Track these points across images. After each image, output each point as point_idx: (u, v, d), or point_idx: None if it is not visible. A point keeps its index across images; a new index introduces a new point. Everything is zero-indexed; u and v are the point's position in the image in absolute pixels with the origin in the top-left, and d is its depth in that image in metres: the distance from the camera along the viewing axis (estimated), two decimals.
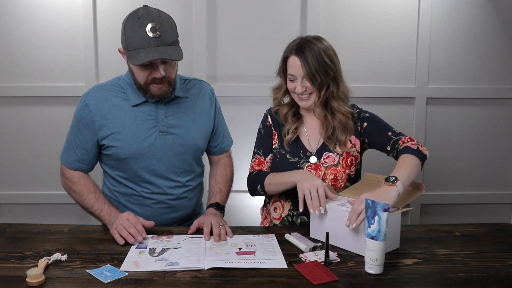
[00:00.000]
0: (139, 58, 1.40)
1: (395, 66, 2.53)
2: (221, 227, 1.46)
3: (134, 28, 1.41)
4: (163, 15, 1.45)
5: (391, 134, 1.59)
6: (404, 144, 1.52)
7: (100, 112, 1.54)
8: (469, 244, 1.39)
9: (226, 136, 1.78)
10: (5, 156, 2.53)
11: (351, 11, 2.48)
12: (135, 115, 1.55)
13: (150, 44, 1.40)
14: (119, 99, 1.56)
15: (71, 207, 2.58)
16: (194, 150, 1.63)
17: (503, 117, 2.62)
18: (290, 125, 1.64)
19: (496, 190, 2.69)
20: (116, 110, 1.55)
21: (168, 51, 1.42)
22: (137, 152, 1.55)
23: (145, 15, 1.42)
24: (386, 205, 1.16)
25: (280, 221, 1.66)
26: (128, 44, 1.43)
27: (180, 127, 1.59)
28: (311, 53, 1.51)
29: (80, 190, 1.57)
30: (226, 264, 1.22)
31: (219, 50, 2.49)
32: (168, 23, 1.45)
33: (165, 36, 1.42)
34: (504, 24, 2.53)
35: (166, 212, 1.63)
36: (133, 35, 1.41)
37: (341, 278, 1.15)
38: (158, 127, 1.56)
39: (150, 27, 1.40)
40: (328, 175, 1.60)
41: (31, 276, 1.11)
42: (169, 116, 1.58)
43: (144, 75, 1.47)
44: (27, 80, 2.46)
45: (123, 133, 1.54)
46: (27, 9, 2.40)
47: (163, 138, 1.57)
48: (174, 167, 1.61)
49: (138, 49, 1.41)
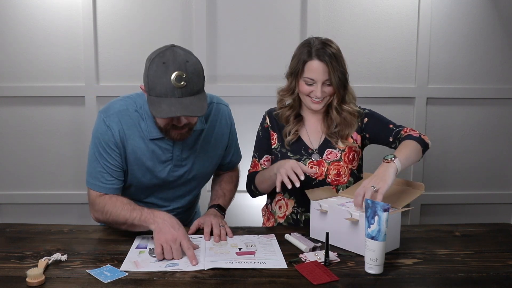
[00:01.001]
0: (161, 111, 1.30)
1: (395, 66, 2.53)
2: (221, 227, 1.46)
3: (158, 73, 1.31)
4: (191, 60, 1.34)
5: (392, 126, 1.63)
6: (406, 133, 1.56)
7: (121, 139, 1.47)
8: (469, 244, 1.39)
9: (236, 153, 1.73)
10: (5, 156, 2.53)
11: (351, 11, 2.48)
12: (152, 149, 1.49)
13: (173, 94, 1.30)
14: (139, 127, 1.48)
15: (71, 207, 2.58)
16: (203, 178, 1.65)
17: (503, 117, 2.62)
18: (291, 127, 1.64)
19: (496, 190, 2.69)
20: (136, 140, 1.48)
21: (191, 106, 1.31)
22: (149, 182, 1.54)
23: (171, 60, 1.31)
24: (386, 205, 1.16)
25: (285, 219, 1.66)
26: (150, 89, 1.33)
27: (192, 158, 1.55)
28: (334, 59, 1.54)
29: (113, 206, 1.43)
30: (226, 265, 1.22)
31: (219, 50, 2.49)
32: (195, 69, 1.34)
33: (191, 85, 1.32)
34: (504, 24, 2.53)
35: None
36: (157, 81, 1.31)
37: (341, 278, 1.15)
38: (173, 161, 1.53)
39: (175, 75, 1.29)
40: (331, 171, 1.61)
41: (31, 276, 1.11)
42: (184, 150, 1.53)
43: (165, 122, 1.40)
44: (27, 80, 2.46)
45: (139, 165, 1.50)
46: (27, 9, 2.40)
47: (175, 170, 1.54)
48: (180, 191, 1.61)
49: (161, 97, 1.31)
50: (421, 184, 1.43)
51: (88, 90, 2.45)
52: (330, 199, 1.46)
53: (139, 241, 1.41)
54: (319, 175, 1.62)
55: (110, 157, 1.47)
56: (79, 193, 2.53)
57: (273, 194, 1.71)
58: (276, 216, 1.69)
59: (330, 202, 1.43)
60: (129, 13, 2.43)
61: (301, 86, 1.59)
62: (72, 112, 2.50)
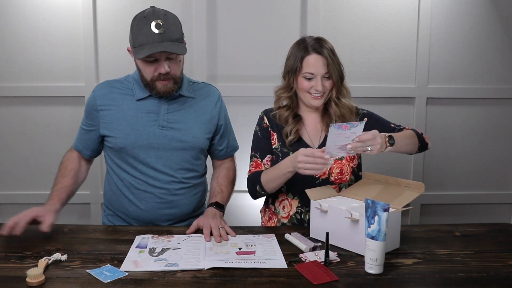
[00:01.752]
0: (143, 52, 1.46)
1: (395, 66, 2.53)
2: (220, 229, 1.46)
3: (140, 25, 1.48)
4: (169, 14, 1.52)
5: (393, 126, 1.66)
6: (408, 129, 1.63)
7: (104, 102, 1.61)
8: (469, 244, 1.39)
9: (232, 141, 1.80)
10: (5, 156, 2.53)
11: (351, 11, 2.48)
12: (136, 108, 1.60)
13: (154, 39, 1.46)
14: (124, 93, 1.63)
15: (71, 207, 2.57)
16: (193, 148, 1.64)
17: (503, 117, 2.62)
18: (291, 127, 1.64)
19: (496, 190, 2.69)
20: (119, 102, 1.61)
21: (171, 46, 1.47)
22: (134, 143, 1.58)
23: (151, 13, 1.49)
24: (386, 205, 1.16)
25: (289, 219, 1.66)
26: (134, 41, 1.50)
27: (181, 123, 1.62)
28: (331, 52, 1.58)
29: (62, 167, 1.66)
30: (226, 264, 1.22)
31: (219, 50, 2.49)
32: (173, 21, 1.51)
33: (170, 32, 1.48)
34: (504, 24, 2.53)
35: (161, 207, 1.63)
36: (139, 32, 1.48)
37: (341, 278, 1.15)
38: (158, 121, 1.59)
39: (154, 24, 1.46)
40: (334, 169, 1.62)
41: (31, 276, 1.11)
42: (171, 112, 1.61)
43: (150, 70, 1.52)
44: (27, 80, 2.46)
45: (123, 124, 1.59)
46: (27, 9, 2.40)
47: (162, 132, 1.59)
48: (172, 162, 1.62)
49: (143, 44, 1.47)
50: (421, 184, 1.43)
51: (88, 90, 2.44)
52: (330, 199, 1.46)
53: (139, 240, 1.41)
54: (322, 174, 1.62)
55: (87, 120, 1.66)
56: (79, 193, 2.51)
57: (276, 194, 1.70)
58: (280, 216, 1.68)
59: (330, 201, 1.43)
60: (129, 13, 2.43)
61: (300, 83, 1.59)
62: (72, 112, 2.50)
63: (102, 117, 1.61)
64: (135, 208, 1.63)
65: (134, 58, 1.55)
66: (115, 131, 1.60)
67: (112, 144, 1.61)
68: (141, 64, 1.54)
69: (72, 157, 1.70)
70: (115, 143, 1.60)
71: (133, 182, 1.62)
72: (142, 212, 1.63)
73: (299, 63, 1.58)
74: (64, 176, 1.63)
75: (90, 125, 1.65)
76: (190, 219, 1.69)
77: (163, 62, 1.50)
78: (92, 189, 2.51)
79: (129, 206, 1.64)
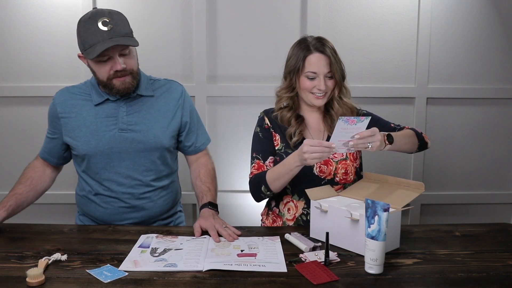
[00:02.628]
0: (95, 51, 1.43)
1: (395, 66, 2.53)
2: (225, 228, 1.45)
3: (86, 26, 1.46)
4: (113, 11, 1.50)
5: (393, 125, 1.67)
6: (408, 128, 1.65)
7: (63, 110, 1.61)
8: (469, 244, 1.39)
9: (201, 135, 1.75)
10: (5, 156, 2.53)
11: (351, 11, 2.48)
12: (95, 113, 1.59)
13: (104, 37, 1.44)
14: (82, 99, 1.61)
15: (71, 207, 2.58)
16: (156, 149, 1.62)
17: (503, 117, 2.62)
18: (295, 128, 1.63)
19: (496, 190, 2.69)
20: (78, 108, 1.60)
21: (122, 40, 1.46)
22: (96, 149, 1.57)
23: (95, 13, 1.47)
24: (386, 205, 1.16)
25: (294, 221, 1.65)
26: (84, 43, 1.47)
27: (141, 125, 1.59)
28: (333, 51, 1.58)
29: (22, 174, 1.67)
30: (225, 267, 1.21)
31: (219, 50, 2.49)
32: (119, 17, 1.49)
33: (118, 28, 1.46)
34: (504, 24, 2.53)
35: (126, 211, 1.63)
36: (87, 33, 1.46)
37: (341, 278, 1.15)
38: (118, 125, 1.58)
39: (101, 22, 1.45)
40: (339, 169, 1.62)
41: (31, 276, 1.11)
42: (130, 114, 1.59)
43: (105, 70, 1.50)
44: (27, 80, 2.46)
45: (83, 131, 1.58)
46: (27, 9, 2.40)
47: (122, 135, 1.58)
48: (135, 165, 1.60)
49: (94, 44, 1.44)
50: (421, 184, 1.43)
51: None
52: (330, 199, 1.46)
53: (143, 240, 1.41)
54: (328, 174, 1.62)
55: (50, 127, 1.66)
56: None
57: (280, 197, 1.68)
58: (285, 219, 1.67)
59: (330, 201, 1.43)
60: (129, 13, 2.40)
61: (302, 83, 1.59)
62: None
63: (63, 125, 1.61)
64: (102, 212, 1.64)
65: (87, 61, 1.52)
66: (77, 138, 1.59)
67: (76, 152, 1.61)
68: (95, 65, 1.51)
69: (34, 165, 1.69)
70: (78, 150, 1.59)
71: (98, 188, 1.62)
72: (109, 216, 1.63)
73: (301, 63, 1.57)
74: (20, 183, 1.62)
75: (53, 132, 1.65)
76: (159, 221, 1.69)
77: (117, 58, 1.48)
78: None
79: (96, 210, 1.64)
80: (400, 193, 1.41)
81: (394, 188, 1.45)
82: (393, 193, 1.42)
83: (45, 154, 1.69)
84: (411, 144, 1.59)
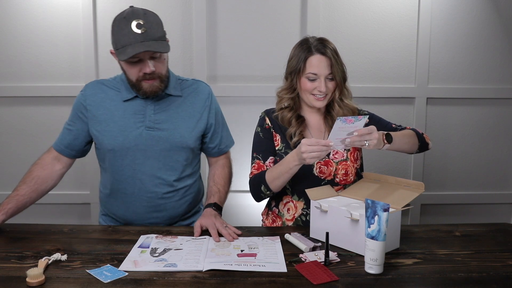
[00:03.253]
0: (126, 53, 1.44)
1: (395, 66, 2.53)
2: (226, 228, 1.45)
3: (120, 26, 1.46)
4: (148, 13, 1.50)
5: (394, 126, 1.67)
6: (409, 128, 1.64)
7: (93, 102, 1.60)
8: (469, 244, 1.39)
9: (226, 138, 1.75)
10: (5, 156, 2.53)
11: (351, 11, 2.48)
12: (124, 109, 1.59)
13: (136, 40, 1.44)
14: (112, 93, 1.61)
15: (71, 207, 2.58)
16: (182, 148, 1.62)
17: (503, 117, 2.62)
18: (295, 128, 1.62)
19: (496, 190, 2.69)
20: (108, 102, 1.60)
21: (154, 45, 1.46)
22: (122, 145, 1.57)
23: (130, 13, 1.47)
24: (386, 205, 1.16)
25: (294, 221, 1.65)
26: (116, 43, 1.48)
27: (168, 124, 1.60)
28: (335, 53, 1.57)
29: (29, 171, 1.62)
30: (225, 267, 1.21)
31: (219, 50, 2.49)
32: (153, 19, 1.49)
33: (151, 31, 1.46)
34: (504, 24, 2.53)
35: (148, 211, 1.62)
36: (120, 33, 1.46)
37: (341, 278, 1.15)
38: (145, 122, 1.58)
39: (135, 24, 1.44)
40: (339, 170, 1.62)
41: (31, 276, 1.11)
42: (157, 112, 1.59)
43: (135, 71, 1.51)
44: (27, 80, 2.46)
45: (111, 125, 1.58)
46: (27, 9, 2.40)
47: (150, 133, 1.58)
48: (160, 164, 1.60)
49: (126, 45, 1.45)
50: (421, 184, 1.43)
51: None
52: (330, 199, 1.46)
53: (142, 240, 1.41)
54: (328, 175, 1.62)
55: (74, 119, 1.63)
56: (79, 193, 2.54)
57: (280, 197, 1.68)
58: (284, 219, 1.67)
59: (330, 201, 1.43)
60: None
61: (303, 84, 1.59)
62: None
63: (91, 117, 1.60)
64: (124, 211, 1.63)
65: (118, 60, 1.53)
66: (103, 133, 1.58)
67: (101, 146, 1.60)
68: (125, 65, 1.52)
69: (44, 162, 1.64)
70: (103, 144, 1.59)
71: (120, 185, 1.62)
72: (131, 215, 1.63)
73: (302, 64, 1.56)
74: (24, 183, 1.58)
75: (76, 124, 1.62)
76: (180, 221, 1.69)
77: (147, 61, 1.48)
78: (92, 189, 2.51)
79: (119, 208, 1.64)
80: (400, 193, 1.41)
81: (394, 188, 1.45)
82: (393, 193, 1.42)
83: (61, 146, 1.64)
84: (411, 144, 1.59)
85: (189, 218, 1.73)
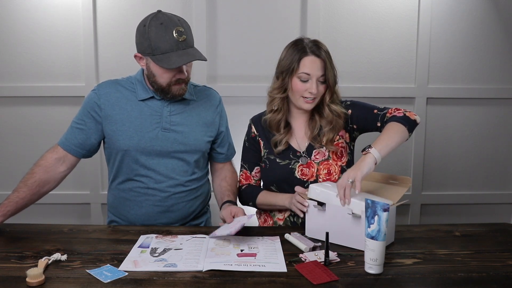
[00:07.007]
0: (173, 62, 1.46)
1: (395, 66, 2.53)
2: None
3: (159, 33, 1.46)
4: (181, 19, 1.52)
5: (377, 111, 1.60)
6: (391, 115, 1.55)
7: (108, 102, 1.59)
8: (469, 244, 1.39)
9: (231, 146, 1.81)
10: (5, 156, 2.53)
11: (351, 11, 2.48)
12: (140, 109, 1.59)
13: (179, 47, 1.47)
14: (127, 93, 1.61)
15: (71, 207, 2.58)
16: (195, 151, 1.64)
17: (503, 117, 2.62)
18: (282, 137, 1.64)
19: (496, 190, 2.69)
20: (124, 102, 1.60)
21: (196, 54, 1.50)
22: (137, 145, 1.57)
23: (167, 20, 1.47)
24: (386, 205, 1.16)
25: (284, 221, 1.66)
26: (154, 49, 1.48)
27: (183, 126, 1.61)
28: (329, 56, 1.57)
29: (30, 172, 1.58)
30: (225, 267, 1.21)
31: (219, 50, 2.49)
32: (187, 26, 1.52)
33: (189, 38, 1.50)
34: (504, 24, 2.53)
35: (160, 211, 1.62)
36: (160, 40, 1.46)
37: (341, 278, 1.15)
38: (161, 124, 1.59)
39: (176, 31, 1.47)
40: (321, 170, 1.61)
41: (31, 276, 1.11)
42: (173, 114, 1.61)
43: (169, 76, 1.53)
44: (27, 80, 2.46)
45: (126, 125, 1.58)
46: (27, 9, 2.40)
47: (165, 135, 1.59)
48: (173, 165, 1.61)
49: (168, 52, 1.46)
50: (408, 178, 1.43)
51: (88, 90, 2.43)
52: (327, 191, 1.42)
53: (142, 240, 1.41)
54: (310, 176, 1.62)
55: (86, 119, 1.60)
56: (79, 193, 2.53)
57: None
58: (276, 218, 1.69)
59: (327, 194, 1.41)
60: (129, 13, 2.43)
61: (294, 84, 1.58)
62: (72, 112, 2.45)
63: (105, 117, 1.59)
64: (135, 211, 1.63)
65: (146, 62, 1.53)
66: (119, 132, 1.58)
67: (114, 146, 1.59)
68: (159, 70, 1.51)
69: (47, 164, 1.59)
70: (118, 144, 1.58)
71: (133, 185, 1.62)
72: (142, 216, 1.63)
73: (296, 64, 1.56)
74: (26, 185, 1.54)
75: (88, 123, 1.60)
76: (190, 222, 1.70)
77: (183, 68, 1.52)
78: (92, 189, 2.51)
79: (130, 209, 1.64)
80: (388, 189, 1.42)
81: (381, 185, 1.45)
82: (381, 189, 1.43)
83: (71, 145, 1.61)
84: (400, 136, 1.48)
85: (198, 218, 1.74)
